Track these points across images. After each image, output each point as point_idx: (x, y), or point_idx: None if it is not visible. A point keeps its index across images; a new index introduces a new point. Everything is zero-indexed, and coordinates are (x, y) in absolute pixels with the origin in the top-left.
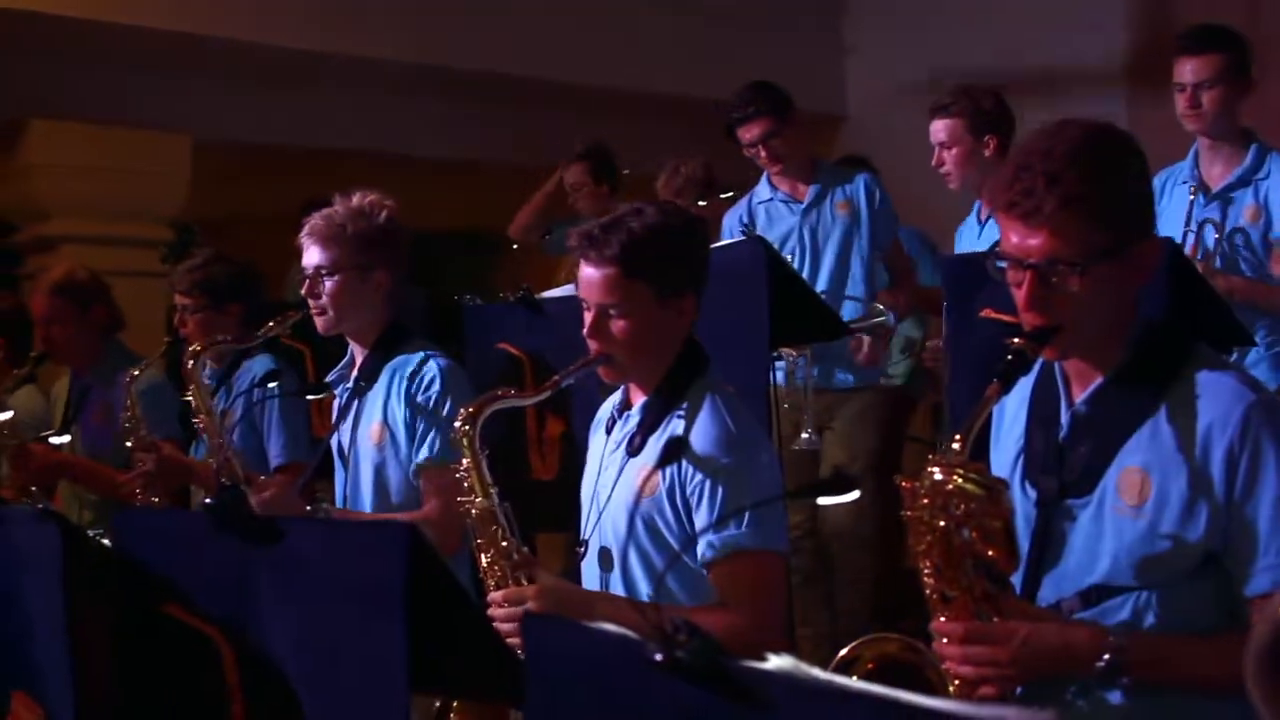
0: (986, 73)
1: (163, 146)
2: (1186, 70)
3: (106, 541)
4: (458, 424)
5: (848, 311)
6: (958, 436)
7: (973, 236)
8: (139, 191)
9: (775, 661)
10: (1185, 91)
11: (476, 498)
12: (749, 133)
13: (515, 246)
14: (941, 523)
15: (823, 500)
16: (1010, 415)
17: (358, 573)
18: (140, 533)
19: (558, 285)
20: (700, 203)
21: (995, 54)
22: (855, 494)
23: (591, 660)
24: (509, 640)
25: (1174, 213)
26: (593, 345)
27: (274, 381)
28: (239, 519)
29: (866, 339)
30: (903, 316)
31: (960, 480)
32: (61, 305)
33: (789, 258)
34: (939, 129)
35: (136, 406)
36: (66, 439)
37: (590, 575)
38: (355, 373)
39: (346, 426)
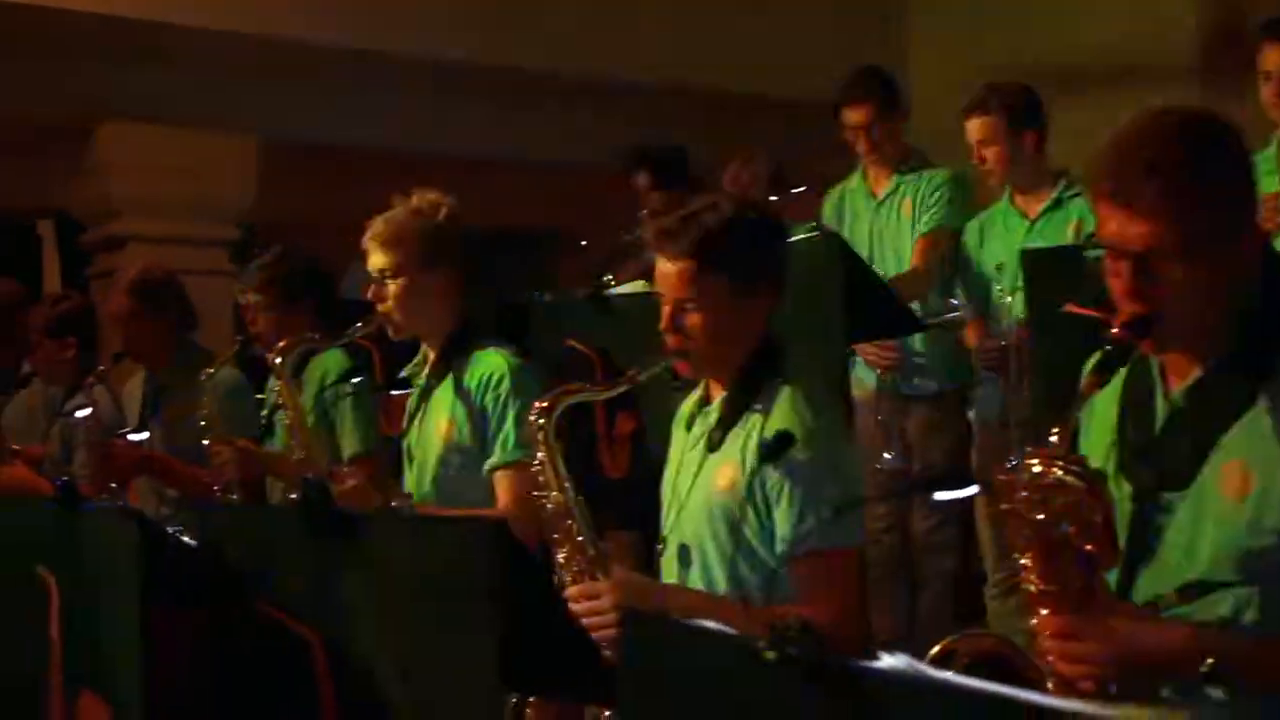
0: (1052, 67)
1: (230, 147)
2: (1274, 58)
3: (187, 539)
4: (532, 417)
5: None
6: (1055, 429)
7: (1013, 231)
8: (207, 191)
9: (888, 659)
10: (1272, 80)
11: (552, 492)
12: (853, 115)
13: (584, 244)
14: (1040, 516)
15: (940, 495)
16: (1100, 408)
17: (447, 570)
18: (224, 529)
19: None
20: (771, 198)
21: (1062, 48)
22: (975, 489)
23: (691, 657)
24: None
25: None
26: (669, 340)
27: (355, 377)
28: (324, 514)
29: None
30: None
31: (1060, 473)
32: (138, 304)
33: (862, 253)
34: (975, 128)
35: (213, 404)
36: (145, 436)
37: (669, 573)
38: (426, 371)
39: (415, 426)
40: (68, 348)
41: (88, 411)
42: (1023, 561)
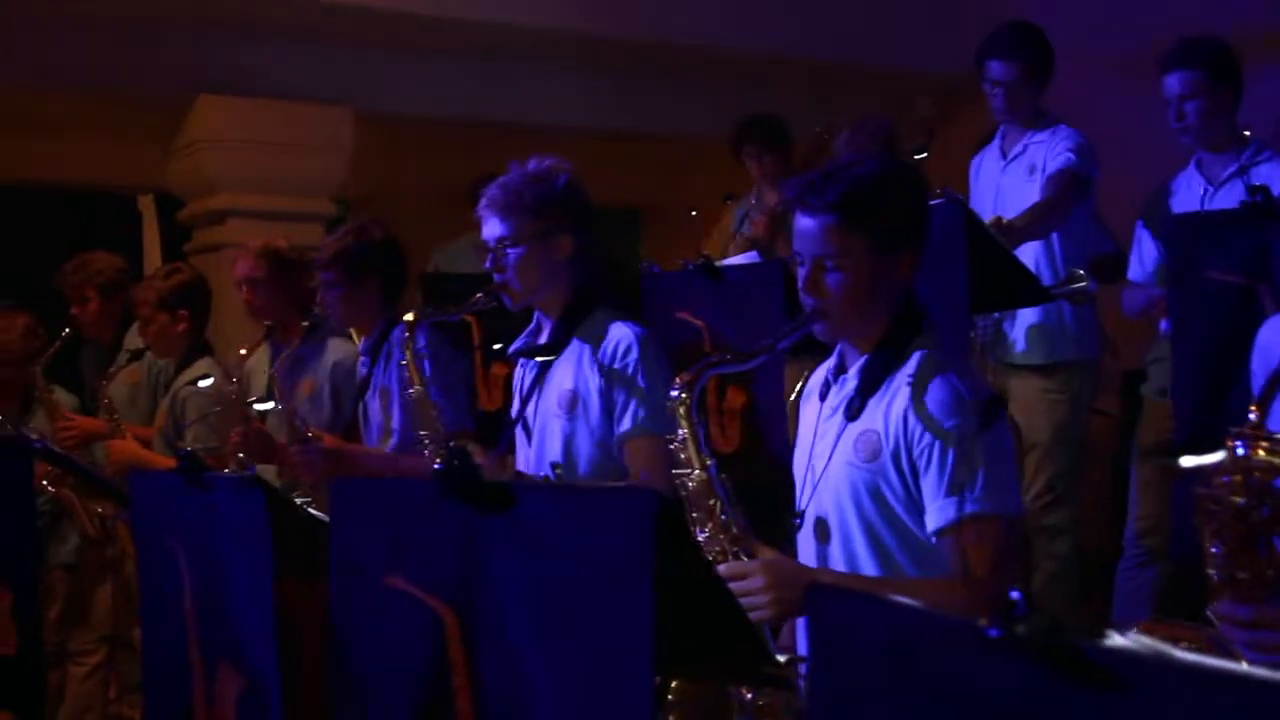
0: (1148, 38)
1: (325, 119)
2: None
3: (314, 511)
4: (674, 392)
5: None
6: (1253, 407)
7: (1193, 196)
8: (302, 165)
9: (1120, 638)
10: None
11: (694, 470)
12: (995, 70)
13: (694, 213)
14: (1240, 499)
15: (1186, 461)
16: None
17: (600, 542)
18: (359, 501)
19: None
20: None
21: (1160, 18)
22: (1221, 454)
23: (889, 638)
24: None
25: None
26: (807, 301)
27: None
28: (468, 485)
29: None
30: None
31: (1264, 454)
32: (266, 269)
33: (989, 213)
34: (1177, 82)
35: (289, 394)
36: (270, 405)
37: (806, 548)
38: (543, 341)
39: (532, 398)
40: (180, 321)
41: (210, 382)
42: (1211, 549)
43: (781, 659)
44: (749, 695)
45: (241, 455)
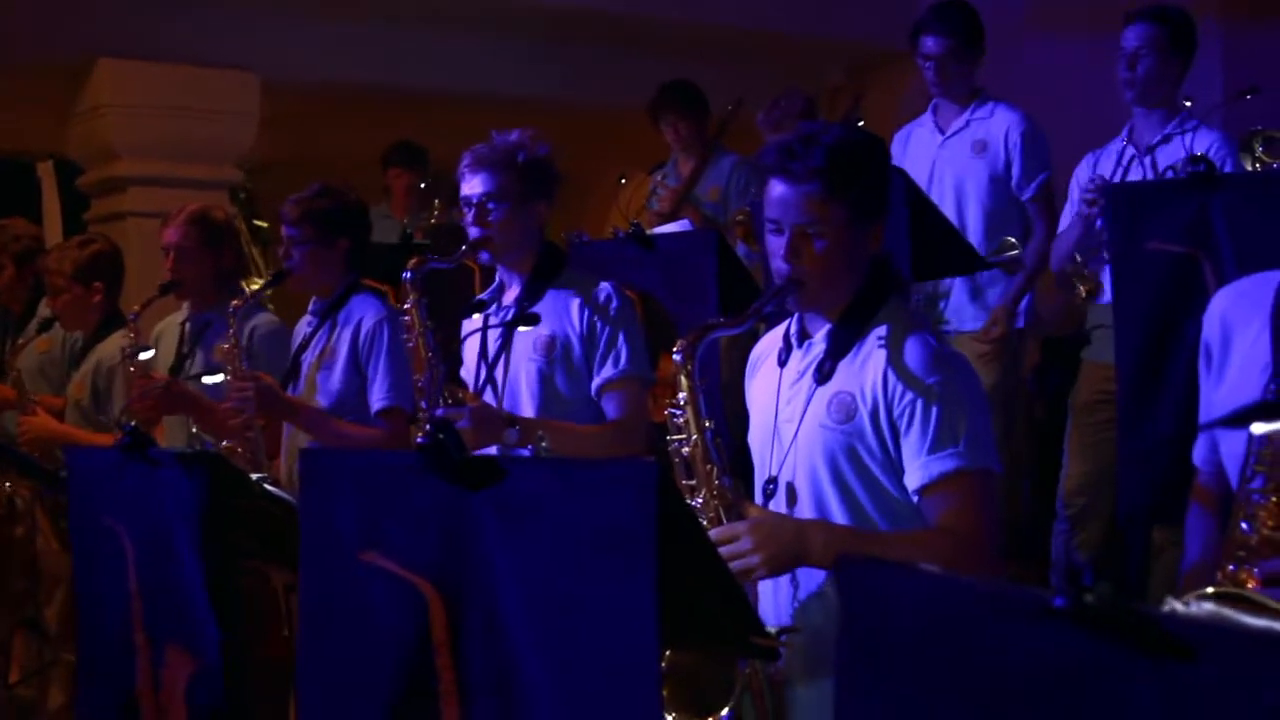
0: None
1: (230, 84)
2: None
3: (276, 489)
4: (675, 356)
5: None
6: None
7: (1111, 158)
8: (207, 131)
9: (1184, 606)
10: None
11: (692, 435)
12: (928, 45)
13: (623, 180)
14: None
15: (1259, 428)
16: (1239, 334)
17: (597, 516)
18: (332, 475)
19: (613, 227)
20: None
21: None
22: None
23: (923, 608)
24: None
25: None
26: (784, 269)
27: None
28: (455, 459)
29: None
30: None
31: None
32: (196, 236)
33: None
34: (1135, 34)
35: (238, 337)
36: (220, 378)
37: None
38: (513, 298)
39: (498, 355)
40: (95, 293)
41: (151, 353)
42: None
43: (771, 629)
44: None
45: (142, 411)
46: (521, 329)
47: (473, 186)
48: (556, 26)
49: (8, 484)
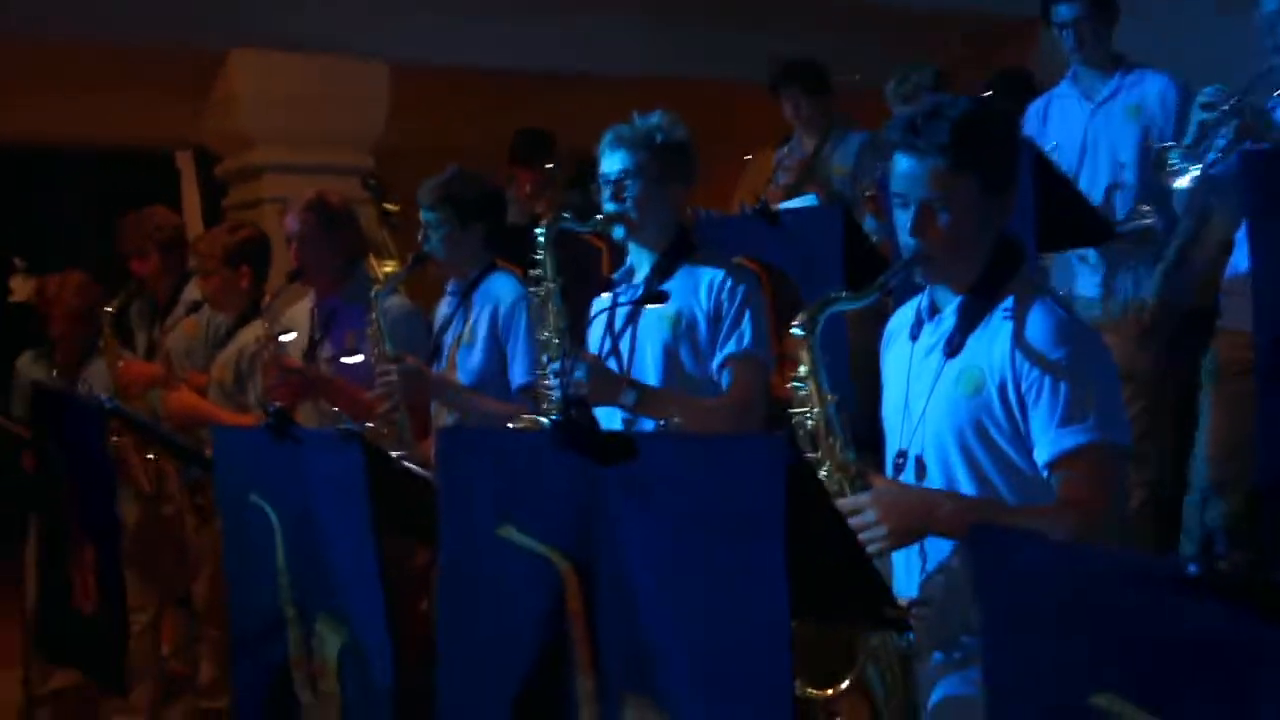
0: None
1: (361, 73)
2: None
3: (415, 466)
4: (795, 330)
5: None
6: None
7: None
8: (339, 119)
9: None
10: None
11: (814, 408)
12: (1061, 13)
13: (748, 158)
14: None
15: None
16: None
17: (727, 490)
18: (468, 452)
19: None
20: None
21: None
22: None
23: (1058, 577)
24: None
25: None
26: (910, 243)
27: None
28: (587, 436)
29: None
30: None
31: None
32: (316, 224)
33: (1075, 157)
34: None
35: (379, 321)
36: (359, 359)
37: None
38: (642, 275)
39: (626, 330)
40: (243, 277)
41: (293, 336)
42: None
43: (902, 601)
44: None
45: (280, 396)
46: (649, 306)
47: (611, 164)
48: (676, 5)
49: (152, 461)
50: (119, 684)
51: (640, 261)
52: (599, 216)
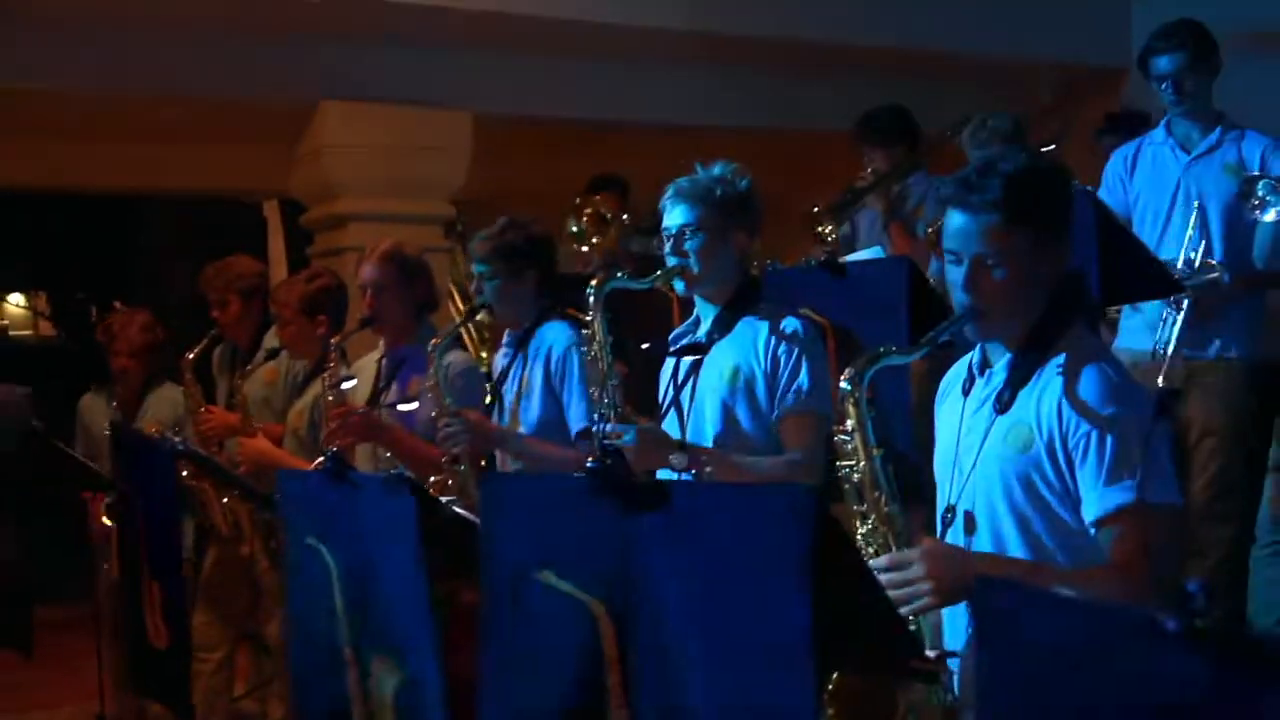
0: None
1: (444, 123)
2: None
3: (461, 510)
4: (843, 385)
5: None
6: None
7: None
8: (422, 168)
9: None
10: None
11: (860, 462)
12: (1160, 65)
13: (815, 209)
14: None
15: None
16: None
17: (756, 539)
18: (509, 499)
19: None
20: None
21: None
22: None
23: (1059, 631)
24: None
25: None
26: (963, 299)
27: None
28: (622, 483)
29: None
30: None
31: None
32: (391, 274)
33: (1164, 207)
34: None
35: (439, 374)
36: (414, 406)
37: (956, 542)
38: (705, 329)
39: (688, 383)
40: (319, 325)
41: (354, 383)
42: None
43: (931, 654)
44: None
45: (340, 438)
46: (700, 357)
47: (673, 218)
48: (757, 55)
49: (228, 503)
50: (188, 717)
51: (705, 314)
52: (658, 272)
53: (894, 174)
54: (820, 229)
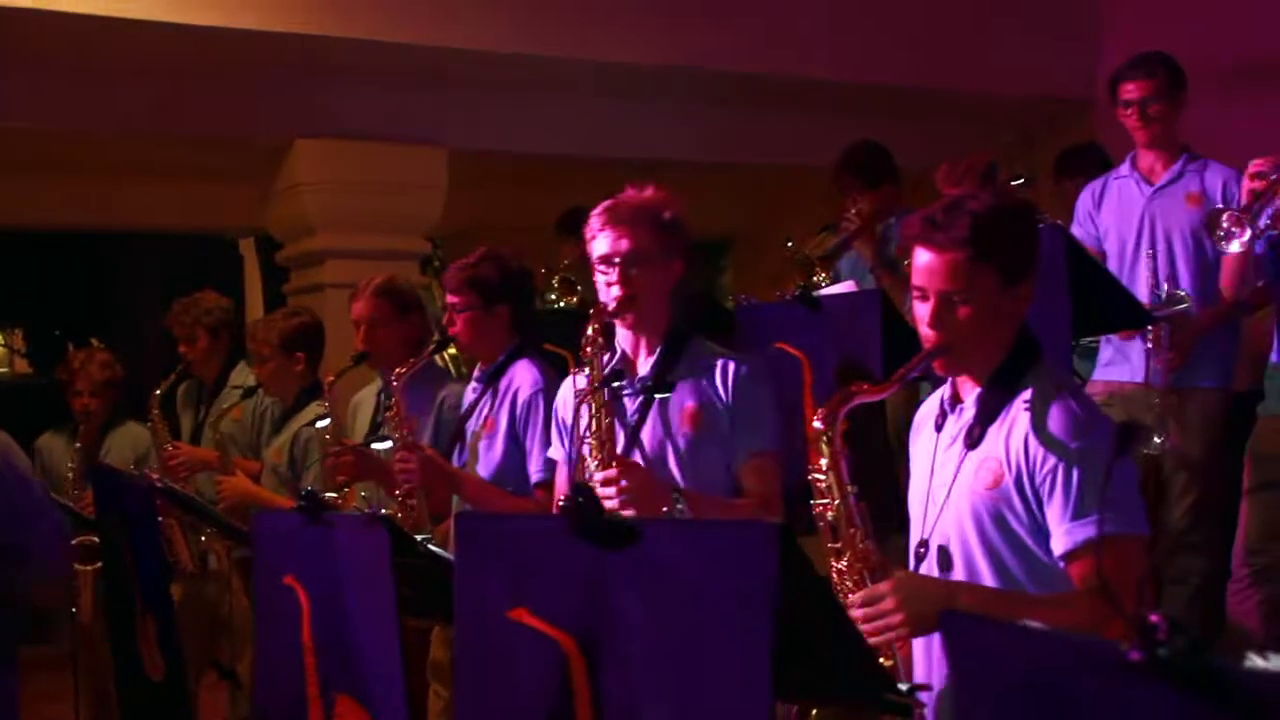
0: (1256, 53)
1: (419, 159)
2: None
3: (434, 548)
4: (816, 424)
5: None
6: None
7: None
8: (398, 204)
9: (1263, 661)
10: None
11: (835, 500)
12: (1131, 89)
13: (789, 244)
14: None
15: None
16: None
17: (723, 576)
18: (483, 536)
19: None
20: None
21: (1267, 34)
22: None
23: (1026, 662)
24: (873, 643)
25: None
26: (930, 335)
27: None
28: (594, 522)
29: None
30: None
31: None
32: (383, 309)
33: (1130, 239)
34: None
35: (403, 407)
36: (388, 445)
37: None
38: (646, 371)
39: (642, 428)
40: (297, 362)
41: (327, 422)
42: None
43: (903, 687)
44: None
45: (341, 477)
46: (654, 396)
47: (610, 245)
48: (733, 91)
49: (203, 541)
50: None
51: (635, 349)
52: (609, 308)
53: (879, 215)
54: (815, 277)
